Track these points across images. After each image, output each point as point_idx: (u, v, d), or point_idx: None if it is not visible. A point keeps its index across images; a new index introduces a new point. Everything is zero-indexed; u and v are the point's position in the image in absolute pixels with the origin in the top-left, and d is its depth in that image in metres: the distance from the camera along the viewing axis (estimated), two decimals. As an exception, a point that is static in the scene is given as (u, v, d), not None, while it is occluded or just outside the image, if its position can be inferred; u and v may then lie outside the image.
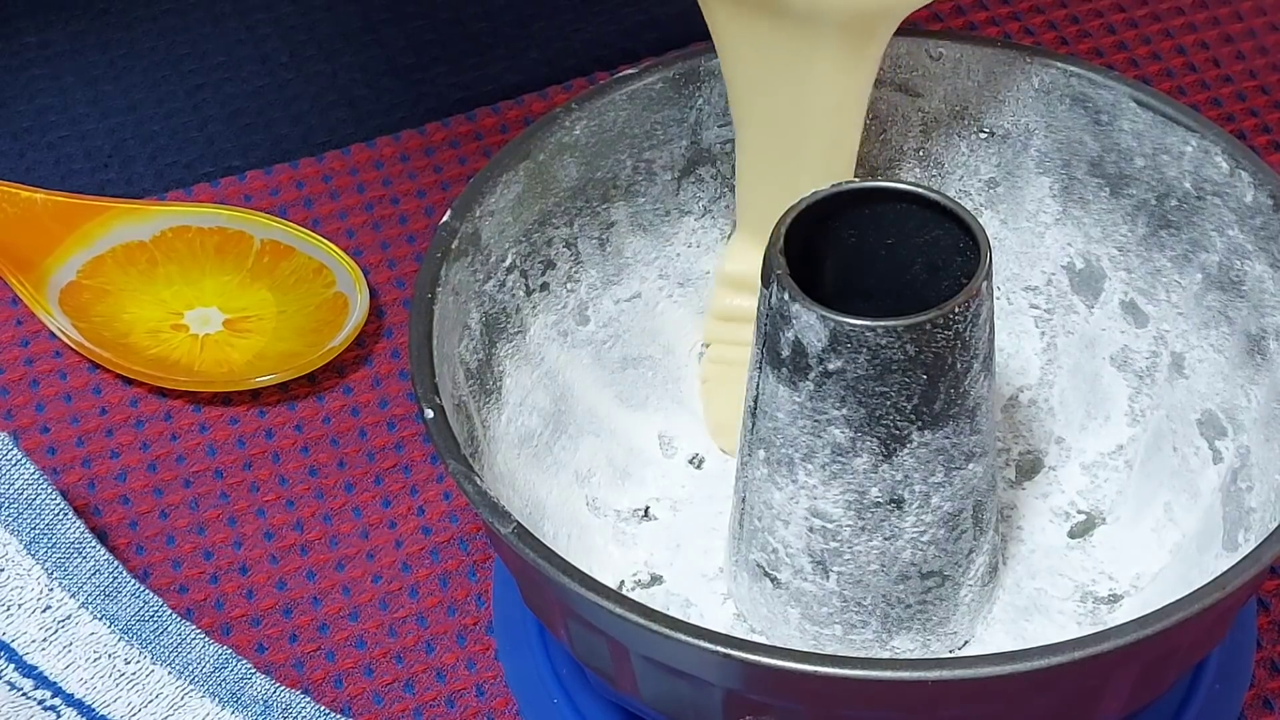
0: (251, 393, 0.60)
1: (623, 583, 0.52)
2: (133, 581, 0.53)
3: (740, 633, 0.50)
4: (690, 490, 0.54)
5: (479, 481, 0.45)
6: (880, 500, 0.47)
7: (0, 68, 0.70)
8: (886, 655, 0.49)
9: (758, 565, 0.49)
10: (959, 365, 0.45)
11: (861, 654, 0.49)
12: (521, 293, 0.52)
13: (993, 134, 0.54)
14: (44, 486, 0.54)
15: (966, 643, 0.50)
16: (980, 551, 0.49)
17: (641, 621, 0.42)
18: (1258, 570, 0.43)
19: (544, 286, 0.53)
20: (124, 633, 0.52)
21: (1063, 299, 0.55)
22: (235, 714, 0.51)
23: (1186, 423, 0.52)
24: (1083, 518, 0.53)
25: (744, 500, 0.49)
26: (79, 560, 0.53)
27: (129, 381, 0.60)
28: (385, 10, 0.72)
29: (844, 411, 0.46)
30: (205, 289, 0.62)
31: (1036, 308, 0.55)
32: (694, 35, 0.54)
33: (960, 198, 0.55)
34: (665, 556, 0.53)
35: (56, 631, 0.52)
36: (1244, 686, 0.52)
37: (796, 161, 0.52)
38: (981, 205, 0.55)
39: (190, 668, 0.52)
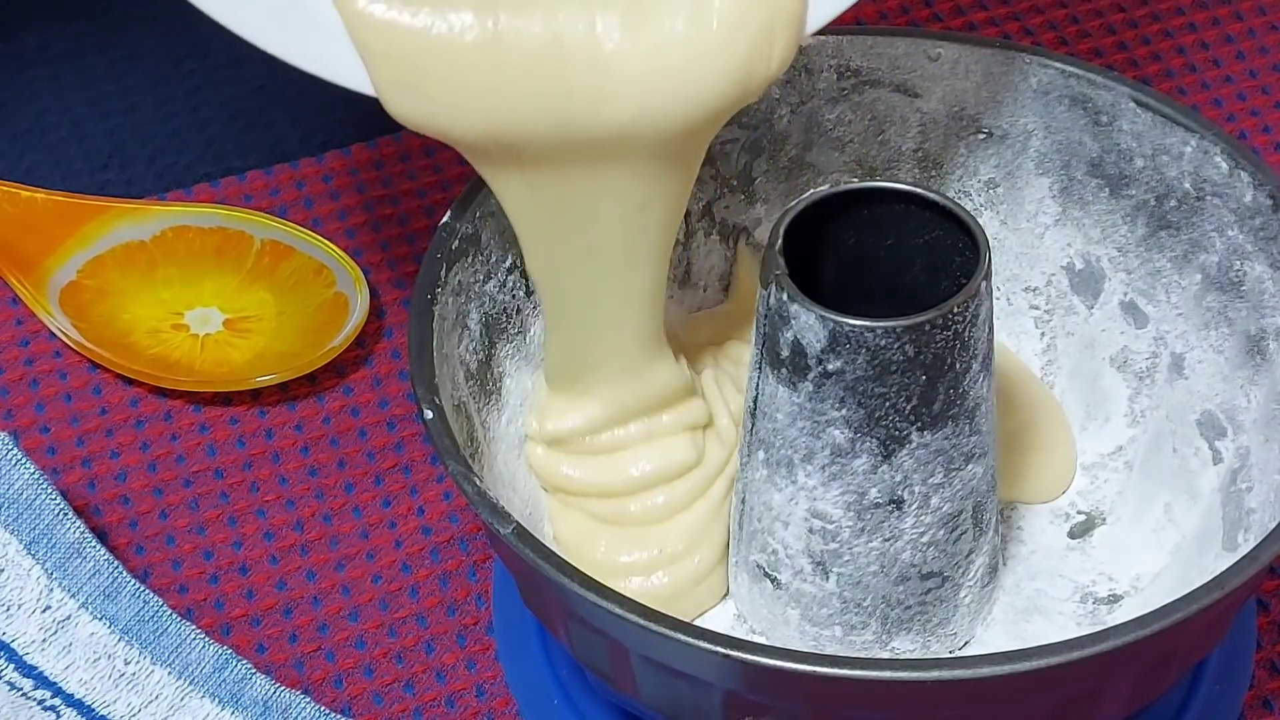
0: (252, 393, 0.60)
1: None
2: (133, 582, 0.53)
3: (740, 633, 0.50)
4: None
5: (479, 482, 0.45)
6: (880, 501, 0.47)
7: (0, 69, 0.70)
8: (886, 656, 0.49)
9: (758, 566, 0.49)
10: (958, 366, 0.45)
11: (861, 655, 0.49)
12: (522, 293, 0.52)
13: (992, 134, 0.54)
14: (44, 487, 0.54)
15: (966, 643, 0.50)
16: (980, 552, 0.49)
17: (641, 622, 0.42)
18: (1256, 570, 0.43)
19: (544, 287, 0.53)
20: (124, 633, 0.52)
21: (1062, 300, 0.55)
22: (235, 714, 0.51)
23: (1186, 423, 0.52)
24: (1082, 518, 0.53)
25: (743, 501, 0.49)
26: (79, 561, 0.53)
27: (129, 381, 0.60)
28: (385, 10, 0.72)
29: (843, 412, 0.46)
30: (205, 289, 0.62)
31: (1036, 308, 0.55)
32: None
33: (959, 198, 0.55)
34: (665, 557, 0.53)
35: (56, 632, 0.52)
36: (1244, 687, 0.52)
37: (615, 302, 0.50)
38: (981, 206, 0.55)
39: (190, 668, 0.52)
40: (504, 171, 0.47)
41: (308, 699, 0.51)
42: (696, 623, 0.49)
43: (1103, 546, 0.53)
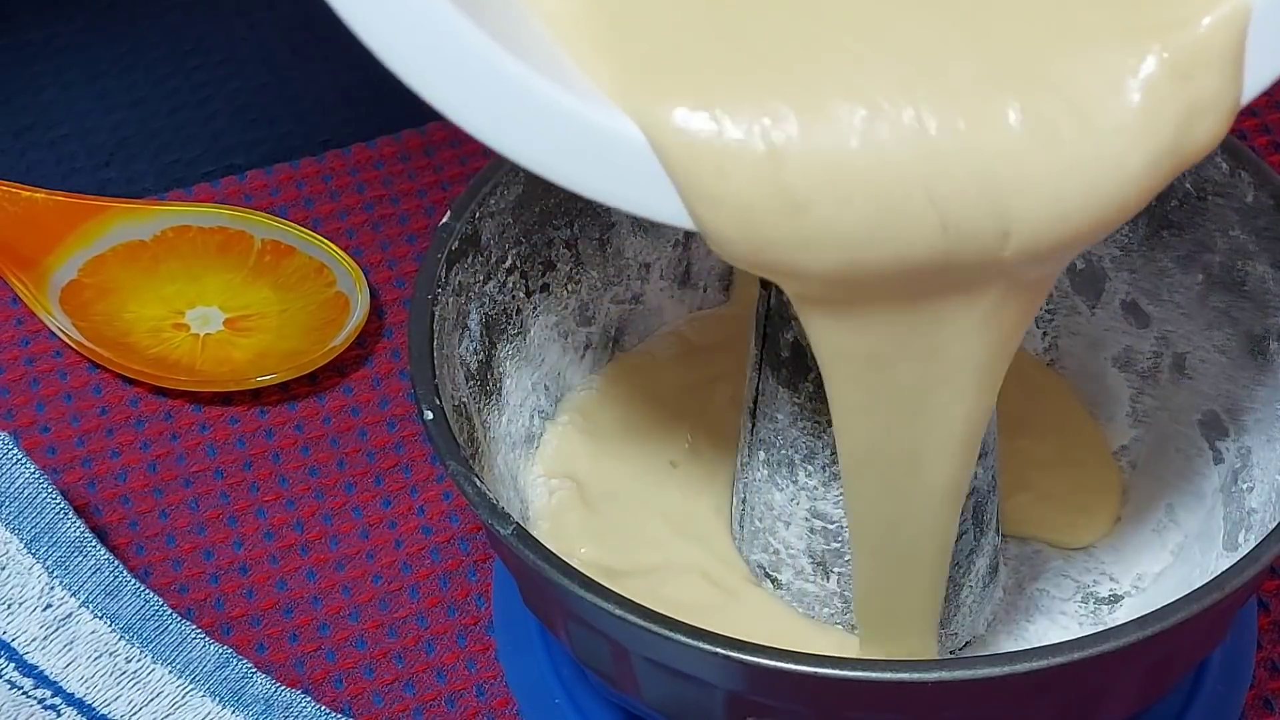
0: (252, 392, 0.60)
1: (623, 583, 0.52)
2: (133, 580, 0.53)
3: (741, 634, 0.50)
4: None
5: (479, 483, 0.45)
6: (881, 501, 0.47)
7: (4, 64, 0.70)
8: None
9: (759, 566, 0.49)
10: (959, 366, 0.45)
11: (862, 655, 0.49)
12: (522, 293, 0.52)
13: (994, 134, 0.54)
14: (44, 486, 0.54)
15: (967, 644, 0.50)
16: (981, 553, 0.49)
17: (642, 623, 0.42)
18: (1257, 571, 0.43)
19: (544, 288, 0.53)
20: (125, 631, 0.52)
21: (1065, 300, 0.55)
22: (236, 713, 0.51)
23: (1188, 423, 0.52)
24: (1084, 518, 0.53)
25: (744, 501, 0.49)
26: (80, 559, 0.53)
27: (129, 381, 0.60)
28: (387, 8, 0.72)
29: (844, 412, 0.46)
30: (206, 288, 0.62)
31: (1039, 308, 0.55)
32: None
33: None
34: (666, 557, 0.53)
35: (57, 630, 0.52)
36: (1245, 687, 0.52)
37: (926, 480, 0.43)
38: (983, 205, 0.55)
39: (191, 666, 0.52)
40: (836, 315, 0.40)
41: (308, 698, 0.51)
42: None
43: (1104, 546, 0.52)
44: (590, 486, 0.52)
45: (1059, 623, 0.51)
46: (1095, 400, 0.54)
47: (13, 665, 0.52)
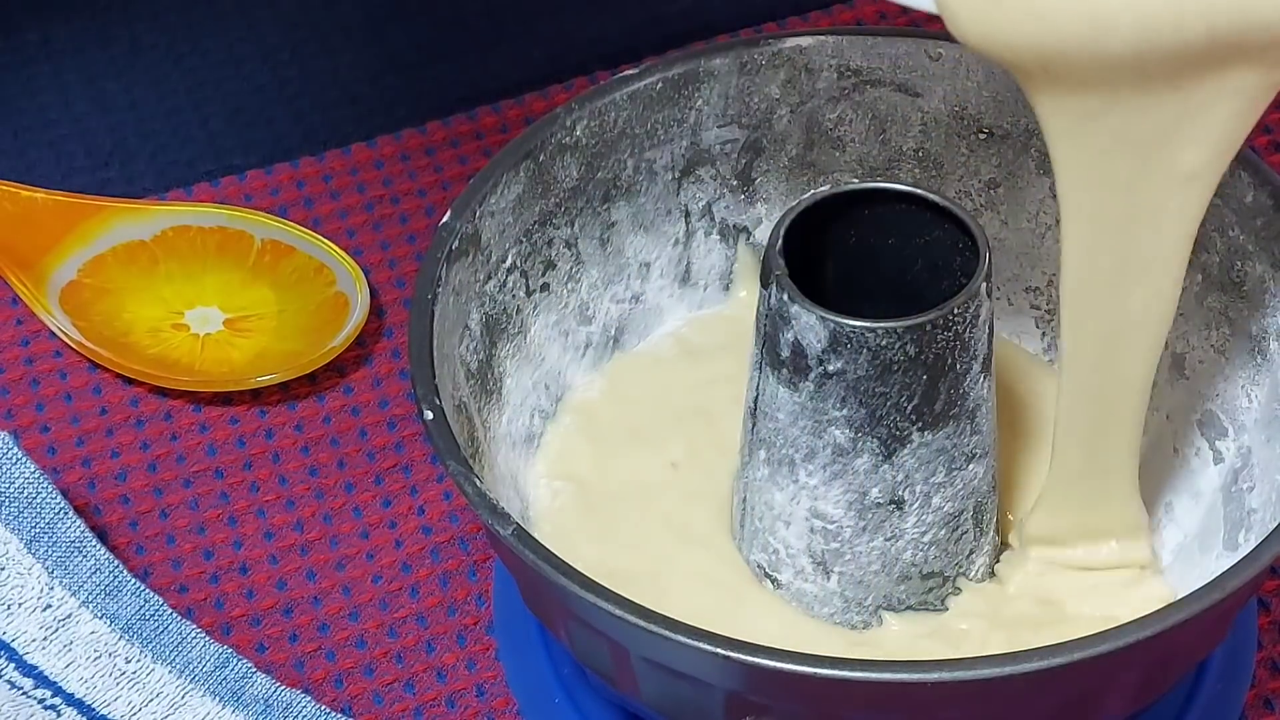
0: (252, 392, 0.60)
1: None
2: (133, 580, 0.53)
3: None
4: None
5: (479, 483, 0.45)
6: (881, 501, 0.47)
7: (1, 65, 0.70)
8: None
9: (759, 566, 0.49)
10: (959, 366, 0.45)
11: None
12: (522, 293, 0.52)
13: (993, 134, 0.54)
14: (44, 485, 0.54)
15: (967, 643, 0.50)
16: (981, 552, 0.49)
17: (641, 623, 0.42)
18: (1257, 571, 0.43)
19: (545, 287, 0.53)
20: (124, 631, 0.52)
21: (1064, 300, 0.55)
22: (236, 713, 0.51)
23: (1187, 423, 0.52)
24: (1083, 518, 0.53)
25: (744, 501, 0.49)
26: (79, 559, 0.53)
27: (129, 381, 0.60)
28: (387, 7, 0.72)
29: (845, 412, 0.46)
30: (206, 288, 0.62)
31: (1037, 309, 0.55)
32: (695, 34, 0.54)
33: (960, 199, 0.54)
34: (665, 557, 0.53)
35: (57, 630, 0.52)
36: (1245, 686, 0.52)
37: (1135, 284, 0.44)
38: (982, 206, 0.55)
39: (191, 666, 0.52)
40: (1072, 101, 0.39)
41: (308, 698, 0.51)
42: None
43: (1104, 546, 0.53)
44: (592, 488, 0.52)
45: (1058, 623, 0.51)
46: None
47: (13, 665, 0.52)
